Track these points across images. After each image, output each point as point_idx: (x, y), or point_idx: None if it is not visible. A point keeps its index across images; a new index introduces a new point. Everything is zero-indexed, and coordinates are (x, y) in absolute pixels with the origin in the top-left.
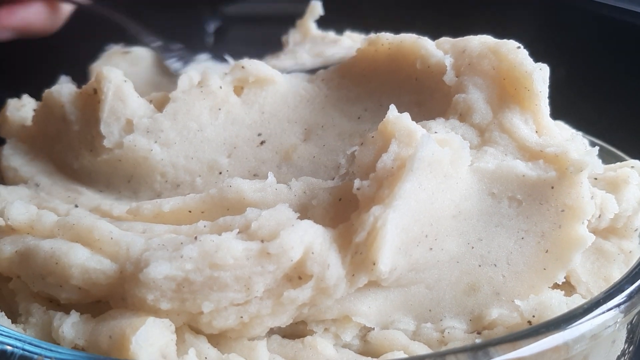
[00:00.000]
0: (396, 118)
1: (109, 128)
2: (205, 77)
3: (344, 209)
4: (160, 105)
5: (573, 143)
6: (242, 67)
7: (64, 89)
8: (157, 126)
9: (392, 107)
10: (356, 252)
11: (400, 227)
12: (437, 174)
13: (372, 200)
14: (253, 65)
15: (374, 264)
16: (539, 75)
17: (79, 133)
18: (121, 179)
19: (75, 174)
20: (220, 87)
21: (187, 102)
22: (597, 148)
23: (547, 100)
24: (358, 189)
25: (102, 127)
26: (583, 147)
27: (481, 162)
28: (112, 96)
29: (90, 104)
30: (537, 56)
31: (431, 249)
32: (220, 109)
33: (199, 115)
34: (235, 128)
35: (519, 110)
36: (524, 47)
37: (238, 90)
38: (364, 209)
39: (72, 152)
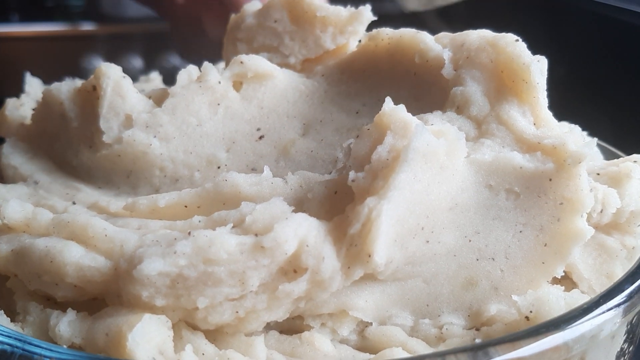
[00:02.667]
0: (392, 110)
1: (108, 124)
2: (204, 72)
3: (340, 201)
4: (159, 101)
5: (571, 135)
6: (241, 62)
7: (63, 86)
8: (156, 121)
9: (388, 100)
10: (351, 244)
11: (395, 219)
12: (433, 165)
13: (367, 192)
14: (252, 61)
15: (369, 256)
16: (537, 67)
17: (78, 129)
18: (120, 174)
19: (74, 171)
20: (219, 82)
21: (186, 97)
22: (595, 140)
23: (545, 93)
24: (353, 180)
25: (101, 123)
26: (581, 138)
27: (478, 154)
28: (111, 92)
29: (90, 100)
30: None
31: (428, 241)
32: (219, 104)
33: (198, 110)
34: (234, 123)
35: (517, 102)
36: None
37: (237, 85)
38: (359, 200)
39: (72, 148)
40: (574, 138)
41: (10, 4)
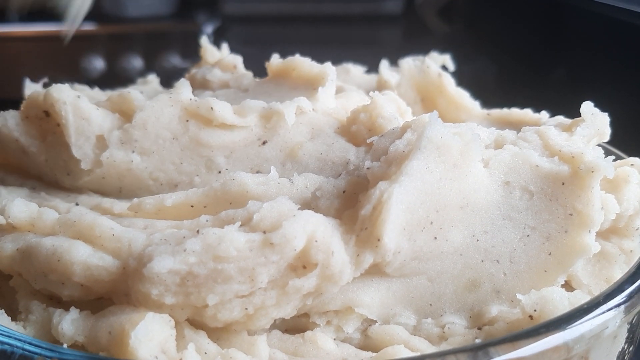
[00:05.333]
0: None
1: (81, 150)
2: (178, 86)
3: (348, 201)
4: (125, 113)
5: (593, 149)
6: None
7: (9, 119)
8: (129, 137)
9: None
10: (361, 228)
11: (406, 205)
12: (446, 159)
13: (381, 178)
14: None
15: (379, 240)
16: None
17: (48, 162)
18: (112, 189)
19: (69, 186)
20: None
21: (156, 109)
22: (612, 157)
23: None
24: (368, 168)
25: (74, 152)
26: (601, 155)
27: (498, 152)
28: (73, 117)
29: (47, 129)
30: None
31: (435, 238)
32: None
33: (169, 123)
34: (229, 134)
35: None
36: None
37: None
38: (372, 186)
39: (51, 176)
40: (595, 152)
41: None
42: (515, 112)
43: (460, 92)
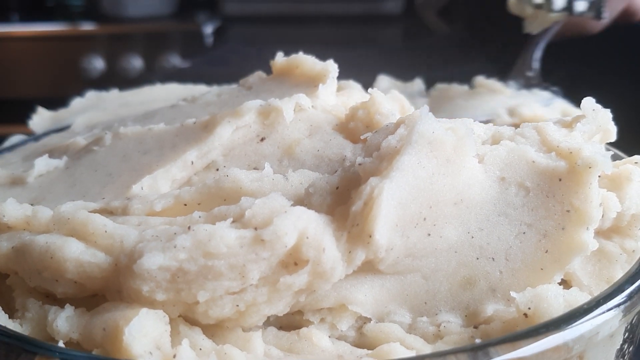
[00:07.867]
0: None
1: None
2: None
3: (341, 197)
4: None
5: (590, 144)
6: None
7: None
8: None
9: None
10: (353, 224)
11: (397, 200)
12: (439, 155)
13: (372, 174)
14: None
15: (370, 236)
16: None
17: None
18: None
19: None
20: None
21: None
22: (610, 152)
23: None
24: (360, 164)
25: None
26: (600, 150)
27: (494, 148)
28: None
29: None
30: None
31: (429, 234)
32: None
33: None
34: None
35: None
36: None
37: None
38: (364, 182)
39: None
40: (593, 147)
41: (10, 4)
42: None
43: None
